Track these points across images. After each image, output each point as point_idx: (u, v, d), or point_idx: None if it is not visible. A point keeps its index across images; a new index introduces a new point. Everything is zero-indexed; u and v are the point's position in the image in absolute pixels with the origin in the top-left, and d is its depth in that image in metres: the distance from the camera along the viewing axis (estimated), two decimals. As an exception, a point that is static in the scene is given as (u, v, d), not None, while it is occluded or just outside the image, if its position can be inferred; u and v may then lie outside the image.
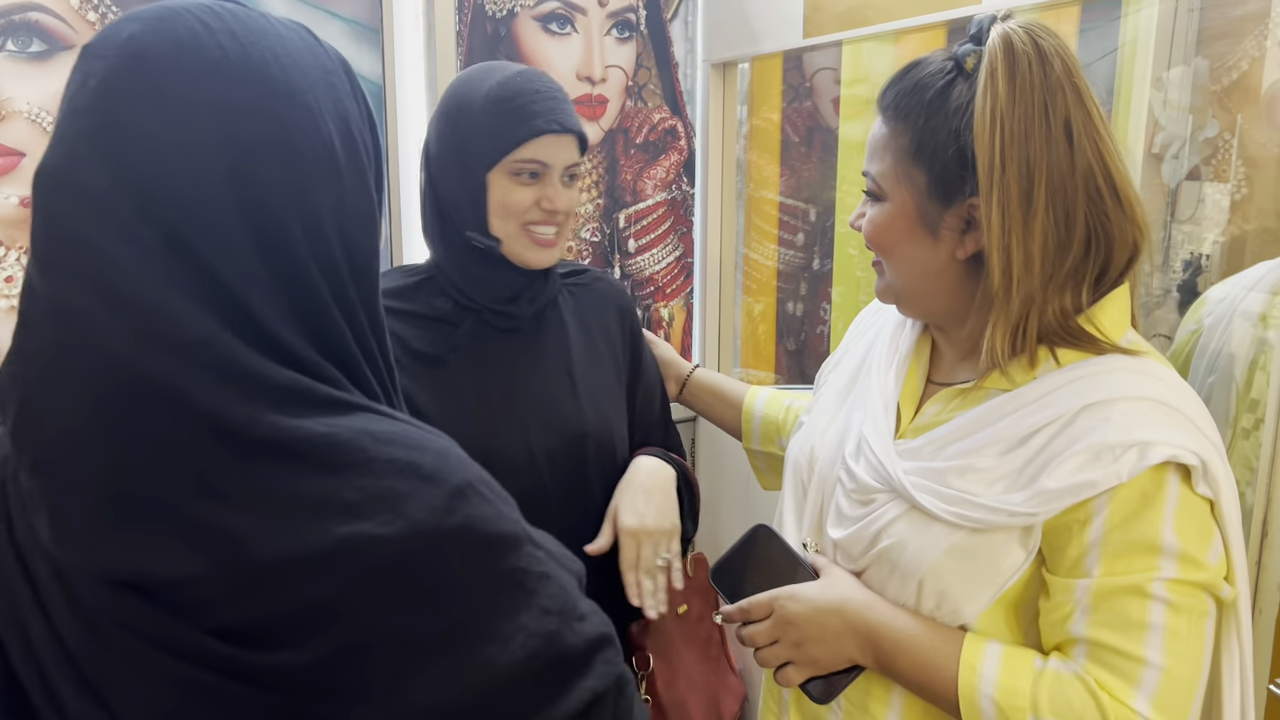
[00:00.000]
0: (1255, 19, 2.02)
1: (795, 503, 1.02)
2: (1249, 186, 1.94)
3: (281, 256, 0.57)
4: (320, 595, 0.53)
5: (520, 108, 1.10)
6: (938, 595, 0.85)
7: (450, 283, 1.17)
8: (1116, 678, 0.80)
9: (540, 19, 2.01)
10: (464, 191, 1.13)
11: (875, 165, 0.89)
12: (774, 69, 2.30)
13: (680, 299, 2.31)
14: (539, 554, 0.61)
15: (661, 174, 2.22)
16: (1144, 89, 2.19)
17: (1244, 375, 1.55)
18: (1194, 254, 2.17)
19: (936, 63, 0.87)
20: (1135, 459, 0.78)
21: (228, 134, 0.55)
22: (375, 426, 0.58)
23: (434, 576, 0.56)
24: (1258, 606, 0.98)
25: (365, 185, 0.62)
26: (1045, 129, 0.80)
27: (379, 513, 0.54)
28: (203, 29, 0.56)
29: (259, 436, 0.54)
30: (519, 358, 1.19)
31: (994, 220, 0.80)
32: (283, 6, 1.73)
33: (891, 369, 0.97)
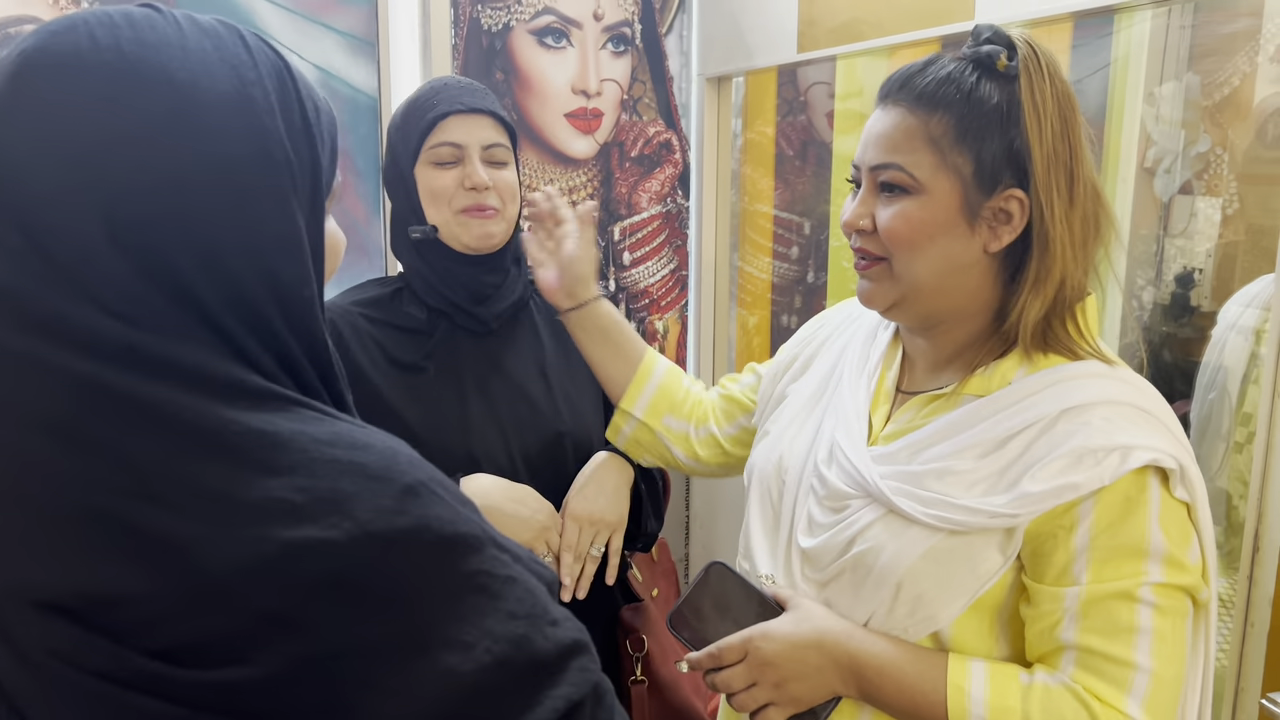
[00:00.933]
0: (1246, 35, 2.04)
1: (761, 513, 1.01)
2: (1240, 201, 1.95)
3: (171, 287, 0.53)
4: (268, 606, 0.50)
5: (428, 100, 1.17)
6: (913, 600, 0.84)
7: (421, 288, 1.20)
8: (1107, 684, 0.80)
9: (536, 33, 2.02)
10: (402, 192, 1.19)
11: (905, 155, 0.85)
12: (768, 83, 2.31)
13: (675, 311, 2.32)
14: (503, 557, 0.58)
15: (656, 187, 2.23)
16: (1136, 104, 2.20)
17: (1238, 390, 1.56)
18: (1186, 267, 2.17)
19: (950, 60, 0.87)
20: (1117, 462, 0.79)
21: (107, 161, 0.51)
22: (315, 428, 0.54)
23: (388, 581, 0.52)
24: (1249, 620, 0.98)
25: (285, 209, 0.57)
26: (1074, 130, 0.84)
27: (325, 515, 0.51)
28: (90, 43, 0.52)
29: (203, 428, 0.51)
30: (494, 361, 1.21)
31: (1055, 207, 0.83)
32: (278, 19, 1.74)
33: (863, 377, 0.98)
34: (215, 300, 0.54)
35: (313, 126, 0.60)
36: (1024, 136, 0.82)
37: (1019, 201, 0.83)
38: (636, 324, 2.27)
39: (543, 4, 2.01)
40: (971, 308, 0.89)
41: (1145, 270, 2.22)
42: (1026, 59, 0.83)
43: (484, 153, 1.18)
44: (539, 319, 1.27)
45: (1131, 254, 2.24)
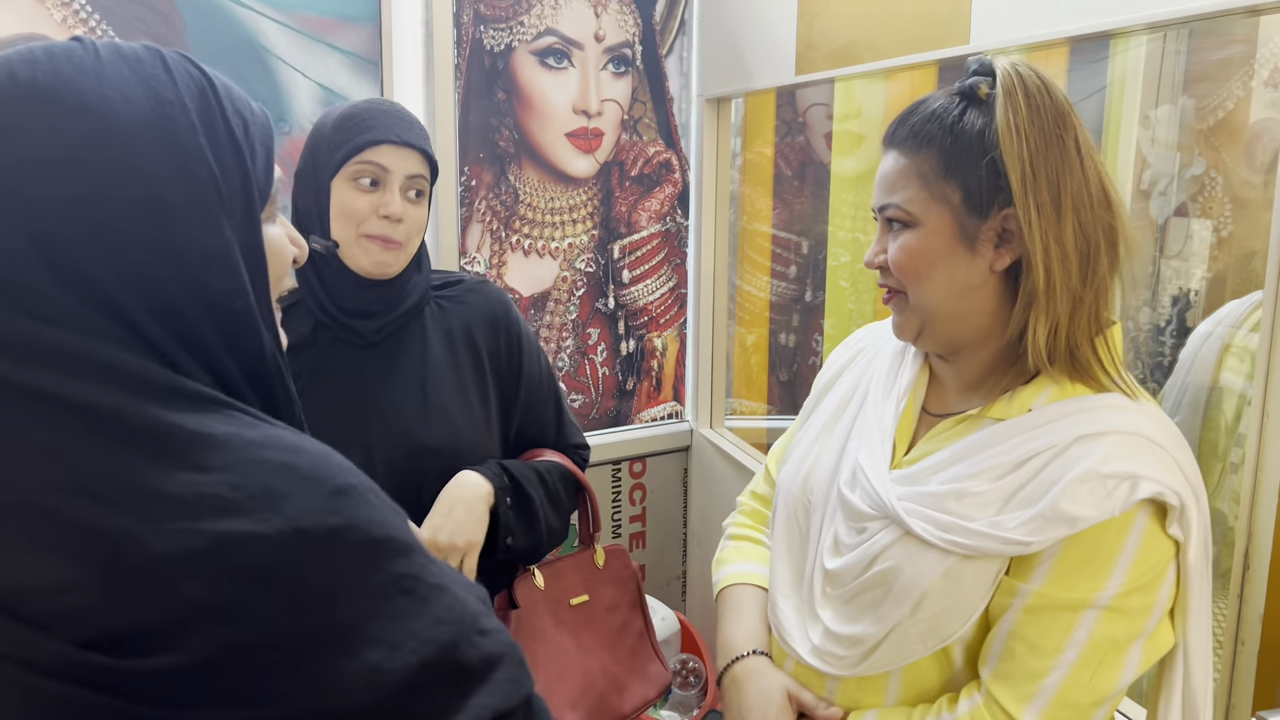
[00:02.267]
0: (1240, 61, 2.06)
1: (787, 533, 1.03)
2: (1234, 223, 1.96)
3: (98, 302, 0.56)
4: (197, 596, 0.51)
5: (363, 120, 1.16)
6: (930, 619, 0.87)
7: (311, 294, 1.19)
8: (1013, 691, 0.84)
9: (538, 54, 2.04)
10: (313, 200, 1.17)
11: (900, 195, 0.90)
12: (767, 104, 2.34)
13: (674, 329, 2.33)
14: (432, 566, 0.59)
15: (656, 206, 2.25)
16: (1132, 127, 2.22)
17: (1233, 411, 1.57)
18: (1182, 289, 2.19)
19: (942, 97, 0.91)
20: (1127, 493, 0.80)
21: (27, 189, 0.54)
22: (249, 431, 0.56)
23: (316, 577, 0.54)
24: (1240, 638, 0.98)
25: (211, 223, 0.59)
26: (1061, 144, 0.85)
27: (255, 510, 0.53)
28: (7, 80, 0.56)
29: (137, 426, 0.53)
30: (372, 371, 1.20)
31: (1033, 221, 0.84)
32: (283, 38, 1.76)
33: (890, 400, 0.99)
34: (144, 314, 0.56)
35: (240, 140, 0.62)
36: (1001, 157, 0.85)
37: (1015, 220, 0.86)
38: (635, 342, 2.28)
39: (545, 25, 2.04)
40: (988, 329, 0.91)
41: (1141, 291, 2.24)
42: (1005, 82, 0.86)
43: (405, 182, 1.18)
44: (431, 328, 1.25)
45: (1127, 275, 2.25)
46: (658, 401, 2.34)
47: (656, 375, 2.33)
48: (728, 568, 1.15)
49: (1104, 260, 0.87)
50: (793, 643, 0.98)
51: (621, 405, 2.29)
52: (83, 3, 1.59)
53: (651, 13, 2.16)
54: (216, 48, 1.71)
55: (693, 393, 2.35)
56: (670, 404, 2.36)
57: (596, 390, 2.25)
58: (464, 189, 2.00)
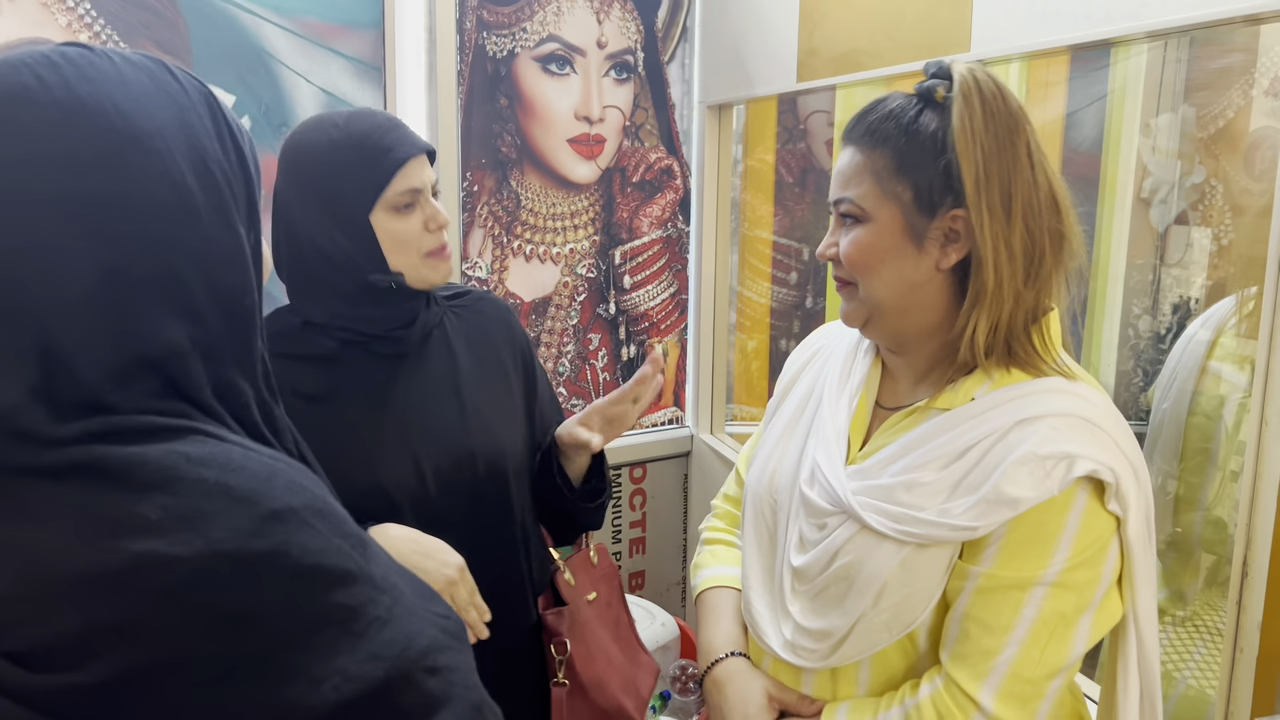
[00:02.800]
0: (1241, 70, 2.07)
1: (756, 533, 1.07)
2: (1235, 231, 1.97)
3: (126, 309, 0.56)
4: (107, 615, 0.51)
5: (375, 144, 1.12)
6: (893, 607, 0.90)
7: (339, 327, 1.16)
8: (968, 671, 0.87)
9: (540, 60, 2.05)
10: (350, 241, 1.12)
11: (853, 189, 0.93)
12: (769, 111, 2.34)
13: (675, 335, 2.33)
14: (381, 598, 0.57)
15: (657, 212, 2.25)
16: (1133, 135, 2.23)
17: (1233, 418, 1.58)
18: (1183, 297, 2.19)
19: (899, 98, 0.94)
20: (1064, 472, 0.84)
21: (68, 188, 0.55)
22: (195, 449, 0.55)
23: (232, 603, 0.52)
24: (1238, 645, 0.98)
25: (230, 224, 0.61)
26: (1013, 149, 0.88)
27: (177, 531, 0.52)
28: (37, 83, 0.55)
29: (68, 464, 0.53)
30: (407, 382, 1.19)
31: (985, 223, 0.87)
32: (286, 44, 1.77)
33: (844, 397, 1.03)
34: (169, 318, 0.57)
35: (242, 147, 0.64)
36: (956, 159, 0.88)
37: (963, 221, 0.89)
38: (636, 347, 2.28)
39: (547, 31, 2.05)
40: (934, 323, 0.94)
41: (1141, 299, 2.24)
42: (962, 86, 0.89)
43: (430, 189, 1.17)
44: (453, 336, 1.26)
45: (1128, 283, 2.25)
46: (658, 407, 2.34)
47: (657, 381, 2.33)
48: (704, 572, 1.19)
49: (1048, 261, 0.90)
50: (767, 639, 1.01)
51: (622, 411, 2.29)
52: (87, 7, 1.59)
53: (654, 19, 2.17)
54: (220, 52, 1.71)
55: (693, 398, 2.36)
56: (671, 409, 2.37)
57: (597, 395, 2.25)
58: (466, 194, 2.01)
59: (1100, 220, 2.29)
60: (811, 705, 0.99)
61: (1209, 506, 1.61)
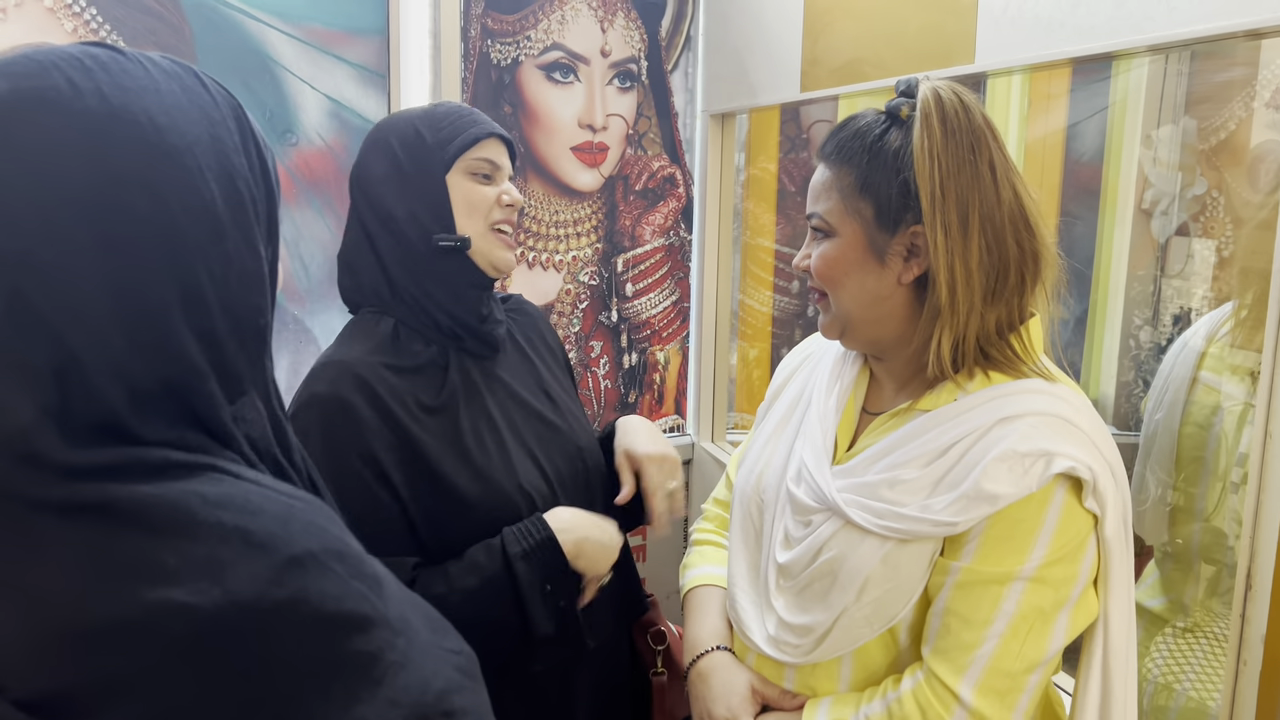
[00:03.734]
0: (1242, 82, 2.07)
1: (743, 531, 1.09)
2: (1235, 243, 1.97)
3: (149, 329, 0.54)
4: (122, 666, 0.49)
5: (461, 117, 1.17)
6: (874, 602, 0.92)
7: (420, 314, 1.16)
8: (949, 665, 0.89)
9: (544, 68, 2.06)
10: (423, 202, 1.13)
11: (822, 205, 0.97)
12: (771, 120, 2.35)
13: (676, 343, 2.34)
14: (397, 641, 0.56)
15: (660, 220, 2.26)
16: (1134, 146, 2.23)
17: (1234, 429, 1.58)
18: (1183, 308, 2.20)
19: (870, 115, 0.97)
20: (1042, 469, 0.86)
21: (95, 202, 0.52)
22: (211, 489, 0.53)
23: (250, 653, 0.50)
24: (1242, 658, 0.99)
25: (251, 244, 0.59)
26: (974, 166, 0.90)
27: (194, 580, 0.50)
28: (69, 88, 0.53)
29: (80, 503, 0.51)
30: (504, 384, 1.21)
31: (939, 241, 0.89)
32: (291, 50, 1.78)
33: (832, 399, 1.05)
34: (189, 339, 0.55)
35: (267, 163, 0.62)
36: (913, 177, 0.90)
37: (923, 237, 0.91)
38: (638, 355, 2.29)
39: (551, 40, 2.05)
40: (905, 333, 0.97)
41: (1142, 310, 2.25)
42: (924, 105, 0.91)
43: (507, 176, 1.21)
44: (519, 339, 1.28)
45: (1128, 294, 2.26)
46: (660, 415, 2.34)
47: (659, 389, 2.33)
48: (691, 571, 1.21)
49: (1013, 277, 0.92)
50: (751, 635, 1.03)
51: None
52: (94, 13, 1.60)
53: (657, 28, 2.18)
54: (225, 59, 1.72)
55: (694, 406, 2.36)
56: (672, 417, 2.37)
57: (599, 403, 2.25)
58: (469, 201, 2.01)
59: (1101, 231, 2.30)
60: (793, 699, 1.01)
61: (1208, 516, 1.61)
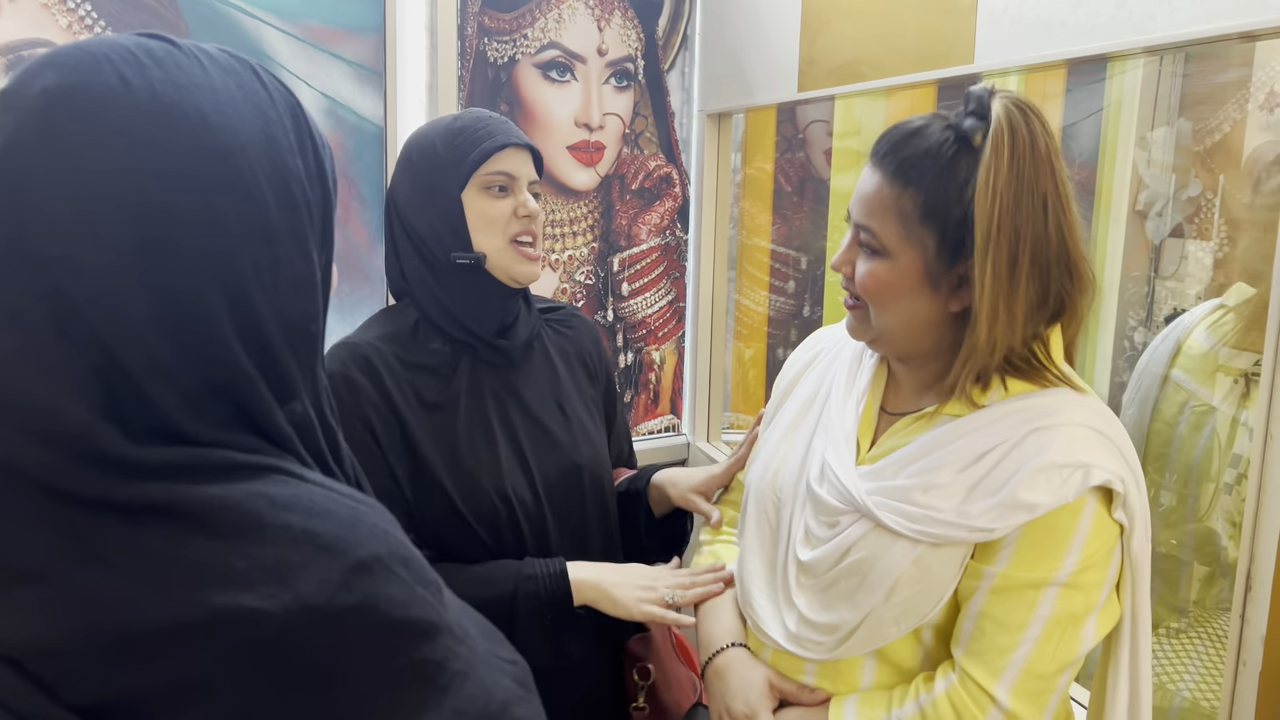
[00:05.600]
0: (1237, 84, 2.08)
1: (758, 528, 1.08)
2: (1230, 245, 1.98)
3: (195, 333, 0.53)
4: (187, 672, 0.48)
5: (478, 130, 1.17)
6: (903, 603, 0.93)
7: (444, 317, 1.18)
8: (984, 667, 0.90)
9: (541, 66, 2.05)
10: (441, 219, 1.16)
11: (878, 222, 0.93)
12: (768, 120, 2.35)
13: (672, 342, 2.33)
14: (460, 649, 0.55)
15: (656, 220, 2.26)
16: (1129, 148, 2.24)
17: (1226, 431, 1.58)
18: (1176, 309, 2.20)
19: (938, 131, 0.92)
20: (1080, 481, 0.87)
21: (143, 202, 0.51)
22: (278, 490, 0.52)
23: (320, 659, 0.50)
24: (1241, 659, 0.99)
25: (304, 248, 0.58)
26: (1030, 203, 0.87)
27: (264, 584, 0.49)
28: (121, 84, 0.51)
29: (144, 504, 0.50)
30: (515, 392, 1.22)
31: (988, 282, 0.87)
32: (287, 47, 1.77)
33: (851, 399, 1.04)
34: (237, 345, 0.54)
35: (325, 164, 0.61)
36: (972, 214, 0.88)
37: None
38: (634, 354, 2.28)
39: (548, 38, 2.05)
40: (940, 349, 0.97)
41: (1136, 311, 2.25)
42: (997, 133, 0.87)
43: (529, 186, 1.21)
44: (551, 350, 1.28)
45: (1122, 296, 2.27)
46: (655, 414, 2.34)
47: (654, 388, 2.33)
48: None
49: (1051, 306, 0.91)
50: (769, 630, 1.03)
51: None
52: (89, 9, 1.59)
53: (654, 28, 2.17)
54: (221, 56, 1.71)
55: (690, 406, 2.36)
56: (668, 417, 2.37)
57: (594, 403, 2.25)
58: (465, 200, 2.01)
59: (1095, 232, 2.31)
60: (812, 695, 1.01)
61: (1200, 517, 1.62)
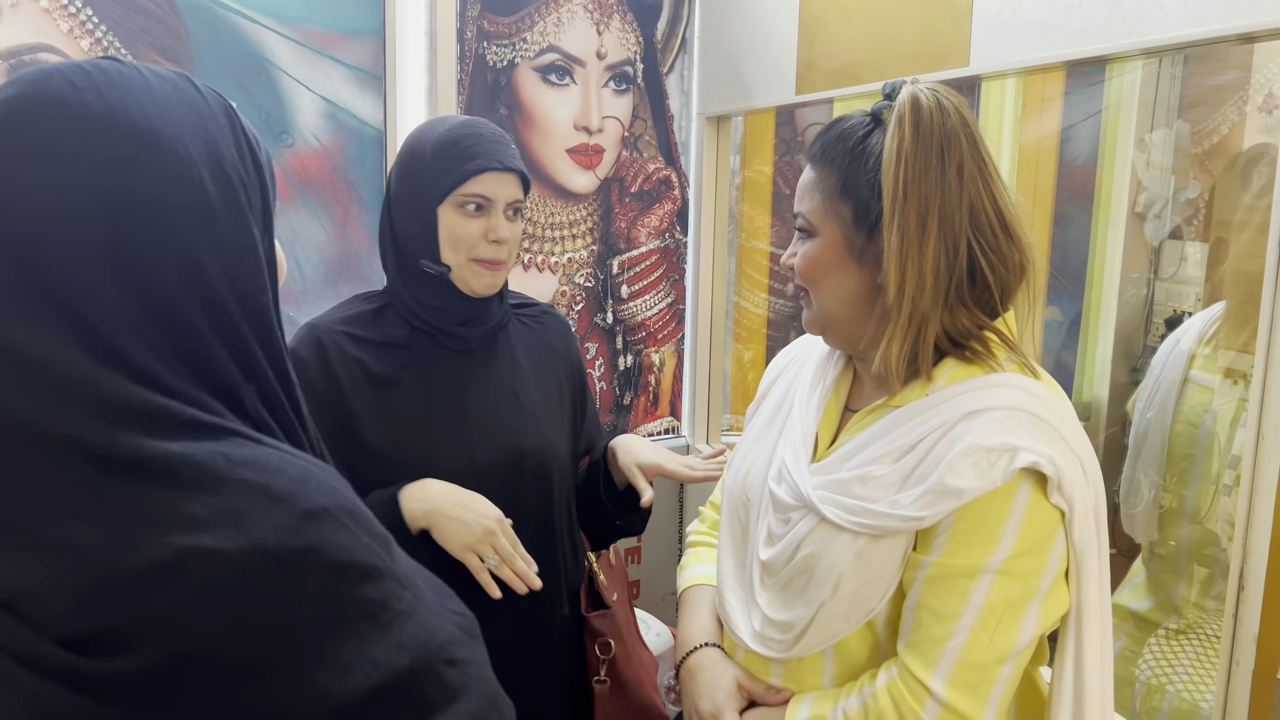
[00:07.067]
0: (1235, 86, 2.08)
1: (730, 531, 1.11)
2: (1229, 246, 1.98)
3: (153, 296, 0.60)
4: (155, 607, 0.54)
5: (465, 149, 1.21)
6: (849, 597, 0.94)
7: (406, 308, 1.26)
8: (920, 659, 0.90)
9: (540, 70, 2.06)
10: (418, 225, 1.23)
11: (806, 205, 0.99)
12: (767, 123, 2.35)
13: (671, 345, 2.34)
14: (404, 594, 0.61)
15: (655, 222, 2.26)
16: (1127, 150, 2.24)
17: (1226, 433, 1.59)
18: (1176, 311, 2.20)
19: (857, 117, 0.99)
20: (1007, 464, 0.87)
21: (95, 185, 0.59)
22: (235, 450, 0.59)
23: (271, 596, 0.56)
24: (1234, 658, 0.99)
25: (244, 224, 0.65)
26: (940, 169, 0.90)
27: (222, 528, 0.55)
28: (69, 88, 0.60)
29: (118, 456, 0.56)
30: (468, 376, 1.27)
31: (893, 242, 0.90)
32: (287, 51, 1.78)
33: (813, 399, 1.07)
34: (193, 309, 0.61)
35: (259, 155, 0.69)
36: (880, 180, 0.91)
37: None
38: (633, 357, 2.29)
39: (547, 42, 2.05)
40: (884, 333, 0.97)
41: (1136, 313, 2.25)
42: (900, 108, 0.91)
43: (506, 206, 1.24)
44: (516, 342, 1.34)
45: (1122, 297, 2.27)
46: (654, 417, 2.35)
47: (654, 390, 2.33)
48: (686, 573, 1.24)
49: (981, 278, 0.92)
50: (738, 631, 1.04)
51: (619, 420, 2.29)
52: (89, 14, 1.60)
53: (653, 31, 2.18)
54: (221, 60, 1.72)
55: (690, 408, 2.36)
56: (667, 419, 2.37)
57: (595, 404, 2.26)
58: (465, 203, 2.01)
59: (1095, 234, 2.31)
60: (778, 695, 1.03)
61: (1201, 518, 1.62)
